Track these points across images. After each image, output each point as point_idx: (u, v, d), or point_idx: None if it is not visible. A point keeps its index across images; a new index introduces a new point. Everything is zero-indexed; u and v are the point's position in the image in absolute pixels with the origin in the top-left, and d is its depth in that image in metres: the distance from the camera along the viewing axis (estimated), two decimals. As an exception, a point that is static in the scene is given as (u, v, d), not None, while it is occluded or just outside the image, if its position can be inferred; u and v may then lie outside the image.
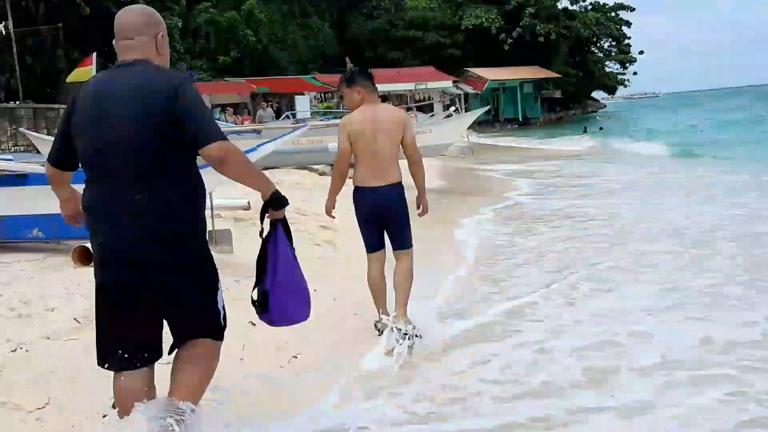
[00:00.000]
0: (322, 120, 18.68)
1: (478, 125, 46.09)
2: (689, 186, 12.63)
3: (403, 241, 4.71)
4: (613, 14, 62.19)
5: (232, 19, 38.11)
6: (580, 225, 9.46)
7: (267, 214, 2.81)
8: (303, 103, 29.21)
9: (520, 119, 50.25)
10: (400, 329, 4.36)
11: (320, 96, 37.58)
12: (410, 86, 42.09)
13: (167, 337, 2.81)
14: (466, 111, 30.02)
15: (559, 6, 54.28)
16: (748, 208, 9.84)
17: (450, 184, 13.68)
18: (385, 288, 4.74)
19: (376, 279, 4.72)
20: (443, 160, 18.16)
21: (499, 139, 37.07)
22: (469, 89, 45.83)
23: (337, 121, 15.98)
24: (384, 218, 4.64)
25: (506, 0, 50.61)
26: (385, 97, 39.73)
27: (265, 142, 6.74)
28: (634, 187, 13.21)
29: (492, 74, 47.20)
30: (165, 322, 2.74)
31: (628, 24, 63.23)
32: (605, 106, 77.05)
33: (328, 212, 4.78)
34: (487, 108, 17.94)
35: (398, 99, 40.47)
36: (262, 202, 2.80)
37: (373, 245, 4.73)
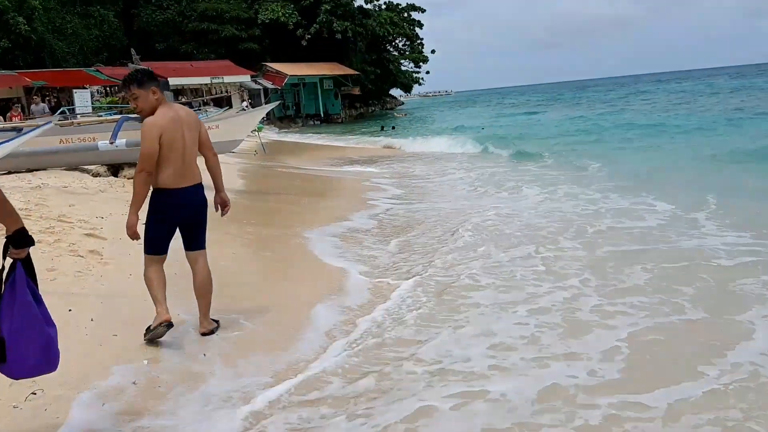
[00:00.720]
0: (101, 116, 16.75)
1: (280, 121, 45.56)
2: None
3: (201, 241, 4.67)
4: (405, 15, 64.74)
5: (0, 4, 33.86)
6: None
7: (8, 252, 2.62)
8: (83, 98, 26.48)
9: (322, 115, 50.32)
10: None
11: (104, 90, 34.56)
12: (206, 80, 40.31)
13: None
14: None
15: (355, 4, 55.20)
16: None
17: (254, 185, 12.91)
18: (164, 281, 4.48)
19: (157, 274, 4.46)
20: (238, 157, 17.34)
21: (302, 135, 36.55)
22: (269, 84, 44.90)
23: (110, 117, 14.86)
24: (188, 219, 4.56)
25: (303, -5, 50.46)
26: (179, 91, 37.72)
27: (2, 142, 5.59)
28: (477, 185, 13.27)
29: (291, 69, 46.68)
30: None
31: (420, 25, 66.18)
32: (403, 103, 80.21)
33: (133, 231, 4.36)
34: (279, 102, 17.31)
35: (193, 93, 38.56)
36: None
37: (161, 248, 4.51)
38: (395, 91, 73.47)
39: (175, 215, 4.48)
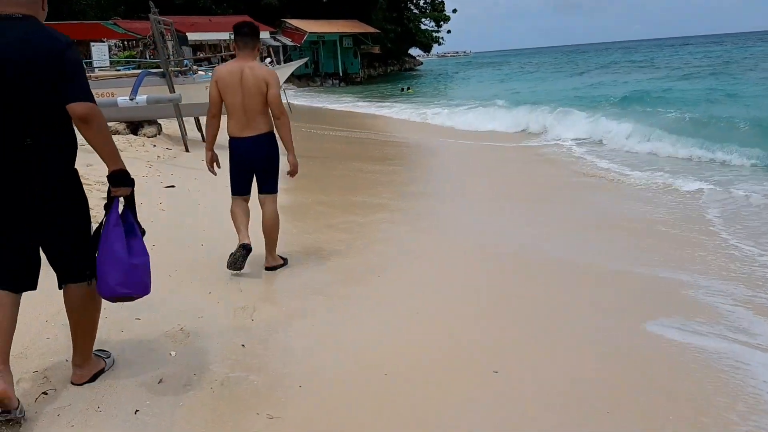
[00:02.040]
0: (120, 71, 16.34)
1: (298, 79, 44.86)
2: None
3: (268, 187, 5.03)
4: (427, -29, 63.35)
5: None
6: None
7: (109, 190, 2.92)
8: (101, 51, 25.96)
9: (341, 74, 49.52)
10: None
11: (122, 44, 34.02)
12: (225, 36, 39.55)
13: None
14: (285, 62, 28.62)
15: (376, -40, 53.93)
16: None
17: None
18: (246, 220, 4.98)
19: (239, 211, 4.99)
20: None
21: (320, 98, 35.84)
22: (288, 41, 44.09)
23: (129, 71, 14.36)
24: (252, 165, 4.95)
25: (321, -50, 49.29)
26: (198, 47, 37.13)
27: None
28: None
29: (311, 26, 45.75)
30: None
31: (441, -18, 64.77)
32: (422, 63, 79.00)
33: (210, 165, 4.95)
34: (305, 60, 16.60)
35: (212, 49, 37.92)
36: None
37: (239, 190, 5.02)
38: (414, 51, 72.36)
39: (239, 161, 4.94)
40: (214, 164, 4.95)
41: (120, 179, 2.86)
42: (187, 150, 10.23)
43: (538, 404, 3.01)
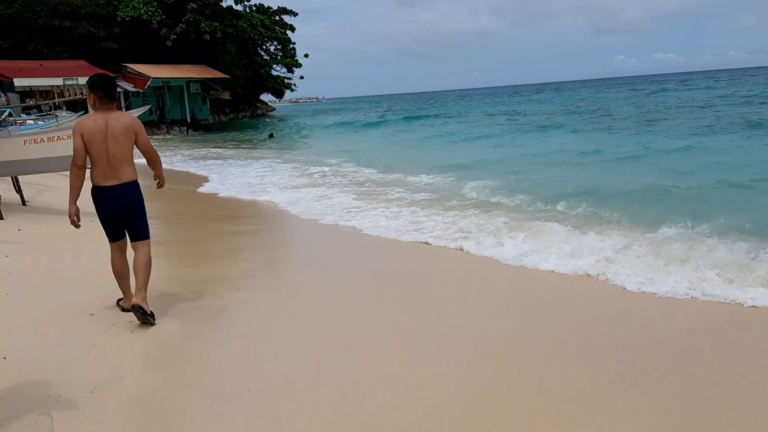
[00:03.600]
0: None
1: (142, 127, 42.37)
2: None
3: (140, 233, 5.20)
4: (277, 18, 63.18)
5: None
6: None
7: None
8: None
9: (189, 120, 47.60)
10: (143, 311, 4.97)
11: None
12: (58, 81, 36.74)
13: None
14: (126, 110, 26.72)
15: (224, 5, 52.99)
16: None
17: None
18: (128, 272, 5.25)
19: (119, 263, 5.22)
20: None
21: (173, 144, 33.94)
22: (130, 87, 41.71)
23: None
24: (123, 214, 5.08)
25: (167, -8, 47.60)
26: (27, 93, 34.07)
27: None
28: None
29: (155, 71, 43.60)
30: None
31: (292, 28, 64.84)
32: (274, 108, 78.36)
33: (72, 218, 4.93)
34: (147, 107, 15.24)
35: (43, 95, 34.98)
36: None
37: (115, 237, 5.18)
38: (266, 97, 71.63)
39: (107, 210, 5.03)
40: (75, 218, 4.92)
41: None
42: (0, 217, 8.73)
43: None
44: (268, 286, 6.45)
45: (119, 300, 5.41)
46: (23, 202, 10.28)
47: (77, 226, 4.94)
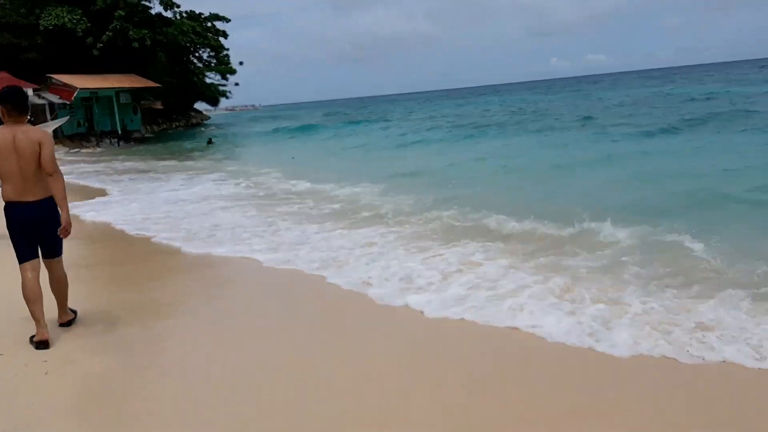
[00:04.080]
0: None
1: (71, 140, 40.64)
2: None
3: (54, 251, 5.10)
4: (209, 24, 61.76)
5: None
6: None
7: None
8: None
9: (120, 132, 45.95)
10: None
11: None
12: (-24, 94, 34.78)
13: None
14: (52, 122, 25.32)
15: (153, 12, 51.52)
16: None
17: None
18: (40, 294, 4.93)
19: (32, 285, 4.89)
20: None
21: (107, 161, 32.32)
22: (56, 99, 39.94)
23: None
24: (38, 232, 4.91)
25: (92, 0, 45.90)
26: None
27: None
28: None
29: (81, 82, 41.88)
30: None
31: (225, 35, 63.51)
32: (209, 117, 76.68)
33: None
34: (66, 118, 14.40)
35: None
36: None
37: (27, 256, 4.94)
38: (200, 105, 69.99)
39: (21, 227, 4.85)
40: None
41: None
42: None
43: None
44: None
45: (32, 337, 5.01)
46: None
47: None
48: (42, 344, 4.85)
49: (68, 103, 40.33)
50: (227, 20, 64.01)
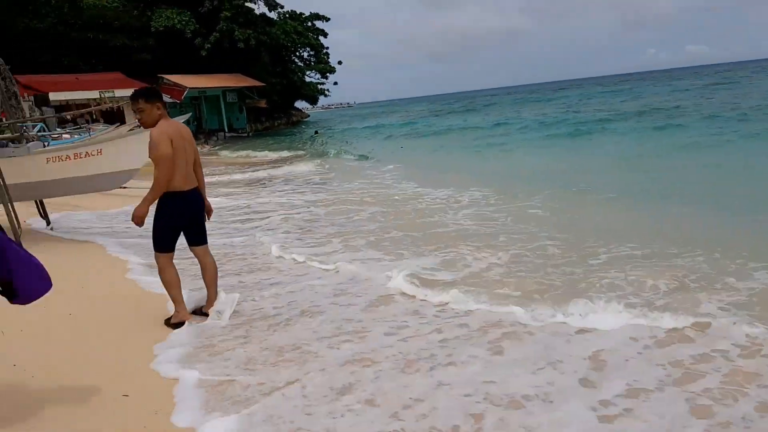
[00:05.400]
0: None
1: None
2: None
3: (205, 237, 5.34)
4: (309, 24, 62.15)
5: None
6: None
7: None
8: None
9: (226, 130, 46.82)
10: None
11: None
12: (94, 94, 36.13)
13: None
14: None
15: (257, 12, 52.24)
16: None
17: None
18: (179, 280, 5.19)
19: (175, 272, 5.13)
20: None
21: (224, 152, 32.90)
22: (167, 98, 41.02)
23: None
24: (195, 217, 5.19)
25: (200, 2, 46.95)
26: (63, 107, 33.46)
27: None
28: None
29: (191, 81, 42.92)
30: None
31: (324, 34, 63.79)
32: (309, 115, 77.45)
33: (143, 220, 4.85)
34: (188, 115, 14.02)
35: (79, 109, 34.35)
36: None
37: (172, 246, 5.11)
38: (299, 104, 70.67)
39: (184, 213, 5.08)
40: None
41: None
42: (22, 248, 7.54)
43: None
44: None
45: (169, 319, 5.20)
46: (48, 224, 9.17)
47: (142, 224, 4.88)
48: (180, 325, 5.08)
49: (178, 102, 41.33)
50: (327, 19, 64.22)
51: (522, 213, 9.43)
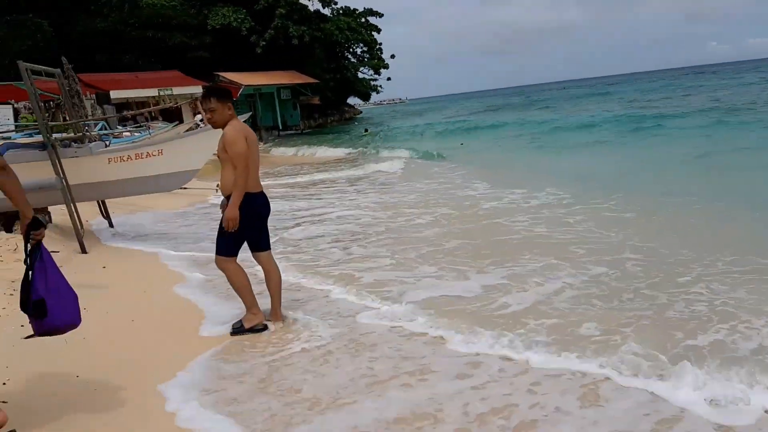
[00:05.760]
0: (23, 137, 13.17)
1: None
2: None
3: (268, 241, 5.18)
4: (363, 20, 61.83)
5: None
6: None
7: (30, 235, 3.13)
8: (2, 115, 22.79)
9: (280, 126, 46.92)
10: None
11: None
12: (153, 92, 36.56)
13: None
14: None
15: (311, 8, 52.24)
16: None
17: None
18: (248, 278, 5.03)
19: (245, 274, 4.99)
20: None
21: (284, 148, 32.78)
22: (223, 96, 41.27)
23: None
24: (264, 220, 5.09)
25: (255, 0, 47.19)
26: (123, 105, 33.92)
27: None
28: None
29: (246, 79, 43.13)
30: None
31: (377, 29, 63.38)
32: (361, 112, 77.28)
33: (237, 222, 4.72)
34: (248, 114, 13.72)
35: (138, 107, 34.79)
36: None
37: (238, 249, 4.94)
38: (351, 100, 70.44)
39: (258, 216, 4.95)
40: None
41: (38, 223, 3.13)
42: (83, 251, 7.23)
43: None
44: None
45: (237, 327, 4.91)
46: (111, 225, 8.96)
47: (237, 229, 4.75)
48: (262, 328, 4.93)
49: (234, 99, 41.46)
50: (380, 15, 63.82)
51: (598, 216, 8.67)
